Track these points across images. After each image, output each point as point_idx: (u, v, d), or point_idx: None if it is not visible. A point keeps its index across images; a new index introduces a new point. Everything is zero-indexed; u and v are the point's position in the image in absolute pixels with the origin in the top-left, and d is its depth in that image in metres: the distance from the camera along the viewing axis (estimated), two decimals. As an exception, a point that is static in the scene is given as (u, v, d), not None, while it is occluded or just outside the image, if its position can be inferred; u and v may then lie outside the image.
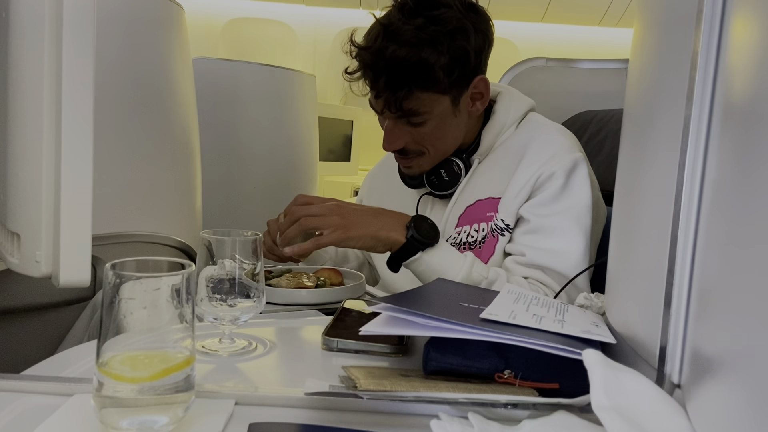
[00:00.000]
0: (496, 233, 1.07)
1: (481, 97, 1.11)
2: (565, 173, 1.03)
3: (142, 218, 1.25)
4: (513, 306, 0.70)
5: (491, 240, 1.08)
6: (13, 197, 0.70)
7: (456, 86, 1.06)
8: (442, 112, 1.06)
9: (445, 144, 1.11)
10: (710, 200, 0.49)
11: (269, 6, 3.83)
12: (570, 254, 1.01)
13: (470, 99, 1.10)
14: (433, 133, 1.08)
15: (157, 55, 1.26)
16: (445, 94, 1.05)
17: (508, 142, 1.13)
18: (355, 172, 3.30)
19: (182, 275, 0.50)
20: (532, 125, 1.14)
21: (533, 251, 1.02)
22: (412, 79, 1.01)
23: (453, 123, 1.09)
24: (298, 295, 1.05)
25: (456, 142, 1.13)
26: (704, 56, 0.50)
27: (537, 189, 1.04)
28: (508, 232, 1.06)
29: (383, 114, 1.08)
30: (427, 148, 1.10)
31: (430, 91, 1.03)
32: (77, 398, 0.55)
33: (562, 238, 1.01)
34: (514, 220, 1.05)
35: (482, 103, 1.11)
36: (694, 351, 0.50)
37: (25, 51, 0.68)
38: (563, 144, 1.08)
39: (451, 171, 1.13)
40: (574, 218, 1.02)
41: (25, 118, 0.67)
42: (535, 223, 1.03)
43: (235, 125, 1.98)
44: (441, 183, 1.13)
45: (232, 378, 0.66)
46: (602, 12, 3.37)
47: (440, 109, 1.06)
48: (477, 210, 1.10)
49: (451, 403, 0.55)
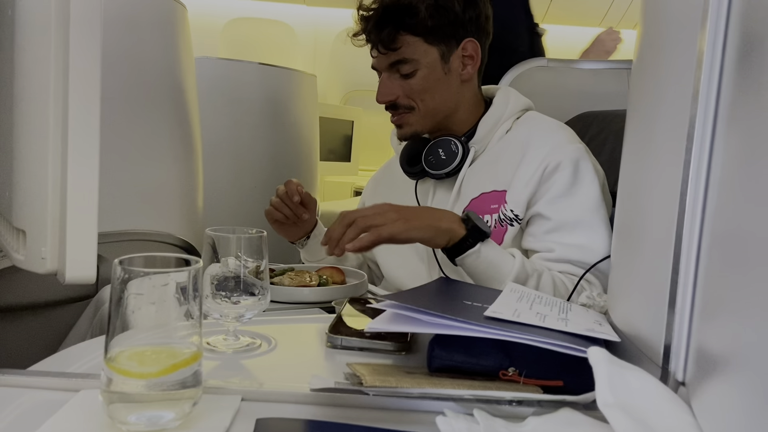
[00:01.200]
0: (505, 223, 1.08)
1: (472, 61, 1.15)
2: (571, 163, 1.06)
3: (144, 216, 1.25)
4: (516, 304, 0.70)
5: (499, 230, 1.08)
6: (18, 194, 0.70)
7: (443, 39, 1.12)
8: (431, 64, 1.12)
9: (434, 100, 1.14)
10: (715, 199, 0.49)
11: (270, 6, 3.83)
12: (597, 247, 1.02)
13: (461, 62, 1.14)
14: (422, 85, 1.13)
15: (160, 54, 1.26)
16: (432, 45, 1.11)
17: (509, 136, 1.15)
18: (356, 172, 3.30)
19: (190, 271, 0.51)
20: (531, 121, 1.17)
21: (561, 247, 1.03)
22: (398, 18, 1.09)
23: (443, 81, 1.14)
24: (301, 294, 1.06)
25: (447, 105, 1.16)
26: (710, 56, 0.51)
27: (546, 180, 1.06)
28: (517, 222, 1.07)
29: (375, 58, 1.14)
30: (416, 103, 1.14)
31: (417, 36, 1.10)
32: (84, 394, 0.55)
33: (586, 232, 1.03)
34: (524, 210, 1.07)
35: (473, 67, 1.16)
36: (699, 349, 0.50)
37: (32, 48, 0.68)
38: (564, 136, 1.12)
39: (449, 150, 1.14)
40: (592, 210, 1.04)
41: (31, 115, 0.67)
42: (556, 219, 1.04)
43: (235, 125, 1.98)
44: (438, 162, 1.15)
45: (236, 375, 0.66)
46: (602, 13, 3.38)
47: (429, 60, 1.12)
48: (482, 203, 1.11)
49: (457, 399, 0.55)
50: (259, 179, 2.01)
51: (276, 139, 2.08)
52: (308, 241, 1.27)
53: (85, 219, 0.64)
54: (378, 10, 1.11)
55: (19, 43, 0.69)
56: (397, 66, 1.13)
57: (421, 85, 1.13)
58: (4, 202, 0.76)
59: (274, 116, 2.07)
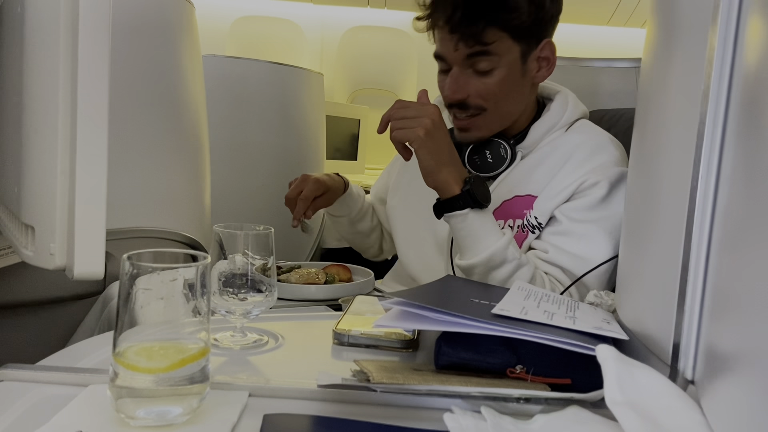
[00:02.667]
0: (527, 229, 1.06)
1: (547, 64, 1.09)
2: (609, 184, 1.02)
3: (151, 214, 1.25)
4: (524, 302, 0.70)
5: (520, 235, 1.06)
6: (27, 190, 0.70)
7: (528, 36, 1.04)
8: (510, 63, 1.04)
9: (506, 104, 1.07)
10: (725, 197, 0.49)
11: (277, 4, 3.83)
12: (592, 262, 0.99)
13: (537, 63, 1.08)
14: (498, 86, 1.05)
15: (168, 52, 1.26)
16: (516, 42, 1.03)
17: (557, 141, 1.10)
18: (362, 171, 3.30)
19: (198, 267, 0.51)
20: (584, 129, 1.11)
21: (557, 251, 1.01)
22: (492, 10, 1.00)
23: (518, 83, 1.07)
24: (308, 291, 1.06)
25: (517, 109, 1.10)
26: (720, 54, 0.50)
27: (578, 193, 1.03)
28: (539, 230, 1.05)
29: (456, 50, 1.03)
30: (489, 105, 1.06)
31: (505, 31, 1.01)
32: (92, 388, 0.55)
33: (588, 245, 1.00)
34: (547, 220, 1.04)
35: (548, 70, 1.09)
36: (708, 347, 0.50)
37: (41, 45, 0.68)
38: (614, 155, 1.06)
39: (497, 154, 1.09)
40: (606, 229, 1.00)
41: (40, 112, 0.67)
42: (566, 225, 1.02)
43: (243, 122, 1.98)
44: (484, 164, 1.10)
45: (244, 371, 0.66)
46: (611, 12, 3.36)
47: (510, 58, 1.04)
48: (514, 205, 1.08)
49: (464, 397, 0.55)
50: (266, 177, 2.01)
51: (283, 137, 2.08)
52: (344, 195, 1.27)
53: (93, 215, 0.64)
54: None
55: (28, 40, 0.70)
56: (474, 60, 1.03)
57: (497, 85, 1.04)
58: (12, 198, 0.77)
59: (281, 114, 2.07)
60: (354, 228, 1.31)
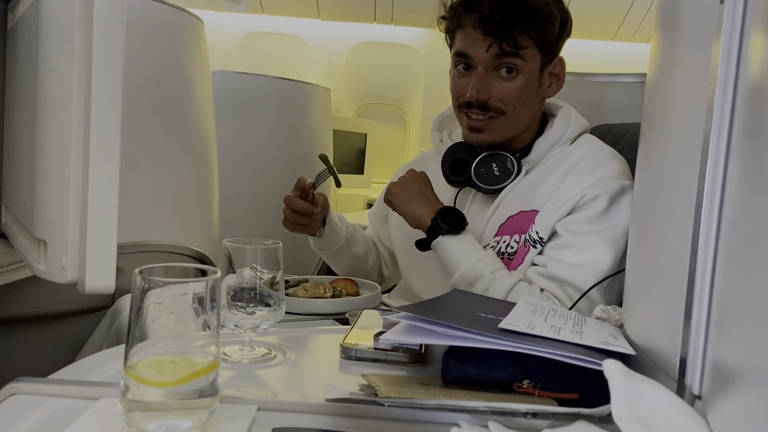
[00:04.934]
0: (528, 244, 1.07)
1: (557, 80, 1.14)
2: (609, 197, 1.02)
3: (159, 228, 1.26)
4: (531, 317, 0.70)
5: (522, 250, 1.07)
6: (40, 205, 0.71)
7: (551, 49, 1.10)
8: (532, 72, 1.09)
9: (523, 111, 1.10)
10: (731, 212, 0.49)
11: (284, 21, 3.87)
12: (592, 269, 1.00)
13: (549, 78, 1.12)
14: (519, 91, 1.08)
15: (179, 68, 1.28)
16: (540, 52, 1.08)
17: (560, 156, 1.11)
18: (369, 184, 3.31)
19: (208, 281, 0.51)
20: (585, 144, 1.13)
21: (556, 264, 1.02)
22: (527, 17, 1.05)
23: (534, 93, 1.11)
24: (315, 305, 1.06)
25: (528, 119, 1.13)
26: (724, 69, 0.51)
27: (578, 207, 1.04)
28: (540, 245, 1.05)
29: (488, 51, 1.06)
30: (508, 109, 1.09)
31: (534, 39, 1.07)
32: (103, 402, 0.56)
33: (589, 254, 1.01)
34: (548, 234, 1.05)
35: (557, 86, 1.14)
36: (715, 362, 0.50)
37: (55, 63, 0.69)
38: (615, 169, 1.07)
39: (504, 167, 1.11)
40: (607, 239, 1.01)
41: (53, 128, 0.69)
42: (566, 238, 1.03)
43: (251, 137, 2.00)
44: (490, 177, 1.12)
45: (252, 384, 0.67)
46: (616, 27, 3.38)
47: (532, 66, 1.08)
48: (519, 221, 1.09)
49: (471, 411, 0.55)
50: (273, 192, 2.01)
51: (290, 152, 2.10)
52: (324, 227, 1.26)
53: (105, 229, 0.65)
54: (508, 4, 1.05)
55: (42, 58, 0.71)
56: (503, 62, 1.07)
57: (519, 90, 1.08)
58: (25, 213, 0.78)
59: (288, 129, 2.09)
60: (350, 252, 1.32)
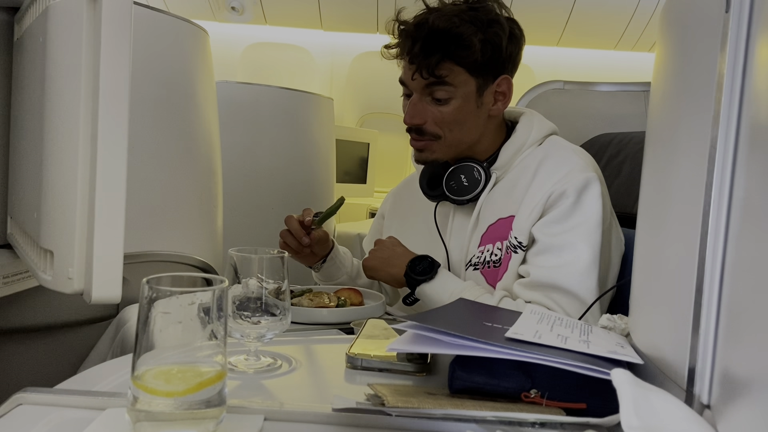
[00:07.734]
0: (510, 250, 1.08)
1: (503, 98, 1.15)
2: (576, 191, 1.04)
3: (164, 238, 1.26)
4: (537, 326, 0.70)
5: (506, 257, 1.09)
6: (47, 215, 0.72)
7: (484, 72, 1.11)
8: (466, 95, 1.11)
9: (461, 132, 1.13)
10: (738, 221, 0.49)
11: (287, 31, 3.89)
12: (572, 266, 1.01)
13: (493, 97, 1.14)
14: (453, 115, 1.11)
15: (183, 78, 1.29)
16: (473, 76, 1.10)
17: (527, 160, 1.14)
18: (371, 194, 3.31)
19: (215, 291, 0.51)
20: (549, 148, 1.15)
21: (538, 270, 1.03)
22: (447, 46, 1.07)
23: (474, 114, 1.13)
24: (320, 315, 1.06)
25: (471, 137, 1.15)
26: (730, 78, 0.51)
27: (549, 208, 1.06)
28: (521, 250, 1.07)
29: (413, 79, 1.11)
30: (444, 132, 1.13)
31: (460, 66, 1.09)
32: (110, 412, 0.56)
33: (568, 253, 1.03)
34: (527, 238, 1.06)
35: (504, 104, 1.15)
36: (724, 371, 0.50)
37: (62, 74, 0.70)
38: (577, 163, 1.09)
39: (472, 177, 1.14)
40: (583, 234, 1.03)
41: (60, 138, 0.69)
42: (544, 242, 1.04)
43: (254, 146, 2.01)
44: (460, 188, 1.15)
45: (258, 394, 0.66)
46: (618, 36, 3.39)
47: (466, 90, 1.11)
48: (499, 228, 1.11)
49: (479, 421, 0.55)
50: (277, 201, 2.03)
51: (293, 161, 2.10)
52: (323, 264, 1.28)
53: (112, 239, 0.65)
54: (426, 33, 1.08)
55: (49, 69, 0.71)
56: (433, 89, 1.11)
57: (453, 115, 1.11)
58: (32, 223, 0.78)
59: (291, 138, 2.09)
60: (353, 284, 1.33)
